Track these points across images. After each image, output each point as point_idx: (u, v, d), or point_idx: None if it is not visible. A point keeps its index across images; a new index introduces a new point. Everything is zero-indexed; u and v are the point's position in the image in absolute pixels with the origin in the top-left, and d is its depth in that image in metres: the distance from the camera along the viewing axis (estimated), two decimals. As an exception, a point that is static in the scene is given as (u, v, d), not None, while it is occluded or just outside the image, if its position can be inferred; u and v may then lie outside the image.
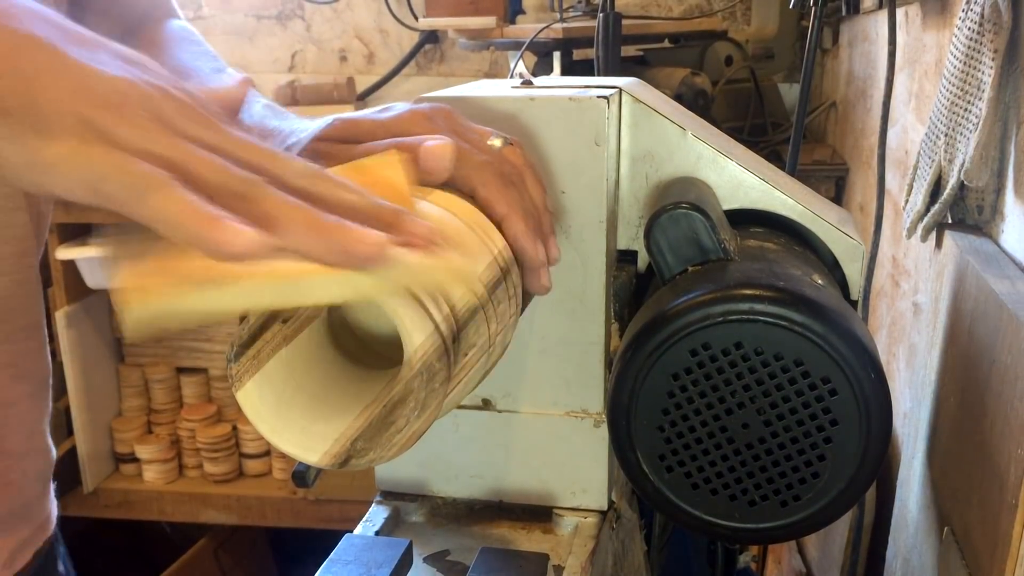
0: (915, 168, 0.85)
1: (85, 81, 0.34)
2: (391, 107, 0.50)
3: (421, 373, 0.37)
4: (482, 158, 0.46)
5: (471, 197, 0.46)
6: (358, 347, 0.45)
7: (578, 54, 1.57)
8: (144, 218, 0.33)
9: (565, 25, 1.53)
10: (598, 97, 0.53)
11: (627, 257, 0.59)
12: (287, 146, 0.49)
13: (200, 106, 0.36)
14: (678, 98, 1.41)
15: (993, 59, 0.69)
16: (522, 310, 0.49)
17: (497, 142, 0.49)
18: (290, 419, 0.38)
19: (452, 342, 0.38)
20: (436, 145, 0.45)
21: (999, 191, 0.74)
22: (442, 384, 0.38)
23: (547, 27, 1.51)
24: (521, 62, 1.50)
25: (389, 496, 0.62)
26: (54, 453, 0.69)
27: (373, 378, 0.41)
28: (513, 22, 1.81)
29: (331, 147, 0.48)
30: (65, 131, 0.33)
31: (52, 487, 0.70)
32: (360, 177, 0.38)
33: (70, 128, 0.33)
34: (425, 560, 0.56)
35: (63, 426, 1.72)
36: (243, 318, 0.40)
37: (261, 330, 0.39)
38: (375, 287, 0.35)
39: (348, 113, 0.51)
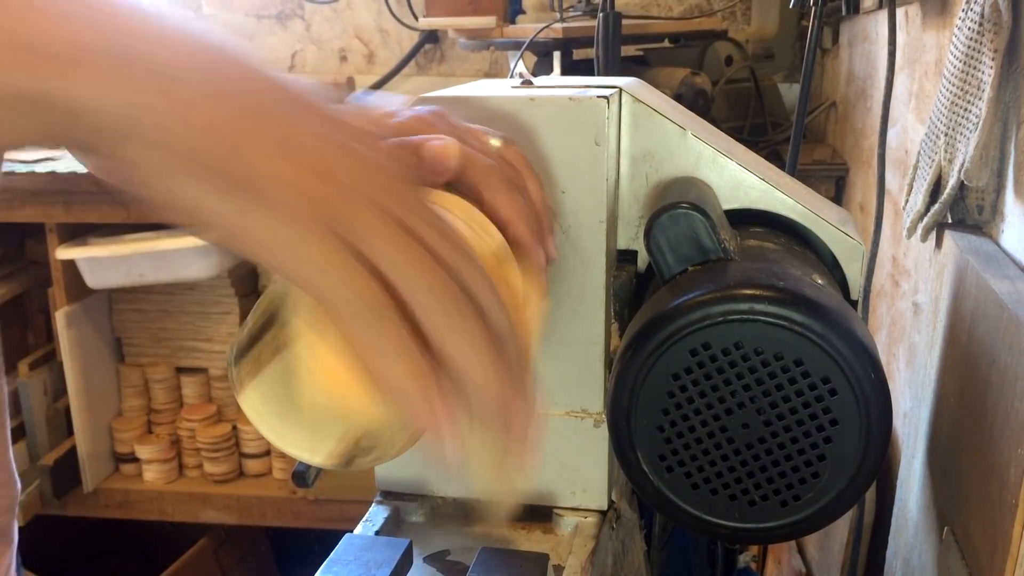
0: (915, 168, 0.85)
1: (306, 148, 0.32)
2: (398, 110, 0.48)
3: None
4: (487, 162, 0.46)
5: (475, 200, 0.46)
6: None
7: (578, 54, 1.57)
8: (347, 332, 0.32)
9: (565, 25, 1.53)
10: (598, 97, 0.53)
11: (627, 257, 0.59)
12: None
13: (410, 181, 0.35)
14: (678, 98, 1.41)
15: (993, 59, 0.69)
16: None
17: (496, 142, 0.49)
18: (292, 419, 0.38)
19: None
20: (441, 145, 0.44)
21: (999, 191, 0.74)
22: None
23: (547, 27, 1.51)
24: (521, 62, 1.50)
25: (389, 496, 0.62)
26: (19, 485, 0.66)
27: None
28: (513, 22, 1.81)
29: None
30: (288, 200, 0.31)
31: (16, 512, 0.67)
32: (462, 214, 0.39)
33: (293, 198, 0.31)
34: (425, 560, 0.55)
35: (63, 426, 1.72)
36: (241, 321, 0.40)
37: (260, 332, 0.39)
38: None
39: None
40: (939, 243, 0.82)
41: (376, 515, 0.59)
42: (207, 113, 0.31)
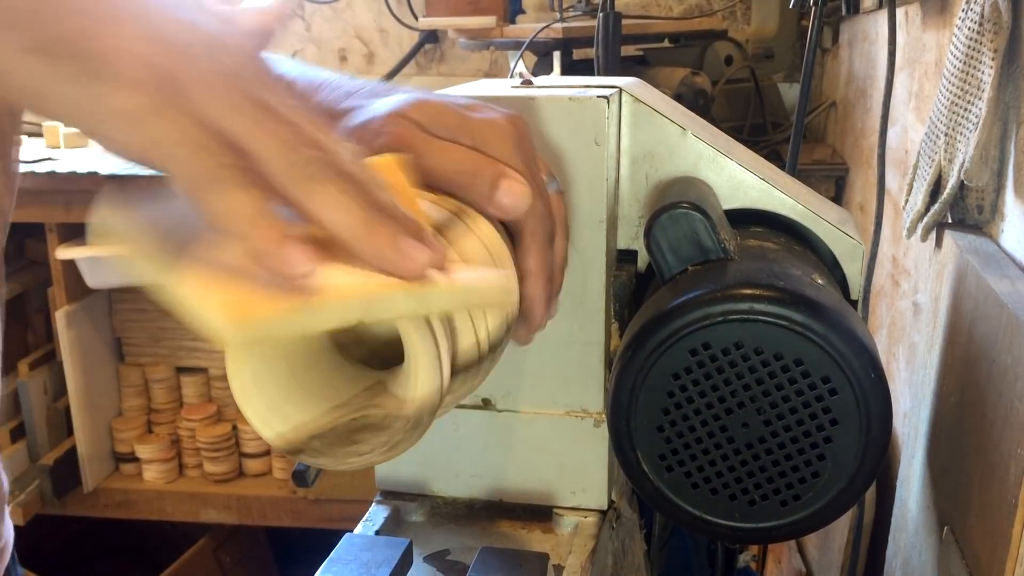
0: (915, 168, 0.85)
1: (163, 25, 0.31)
2: (477, 104, 0.47)
3: (408, 420, 0.37)
4: (540, 211, 0.45)
5: (508, 232, 0.45)
6: (351, 339, 0.44)
7: (578, 54, 1.57)
8: (202, 208, 0.31)
9: (565, 25, 1.53)
10: (598, 97, 0.53)
11: (627, 257, 0.59)
12: (361, 118, 0.46)
13: (267, 66, 0.34)
14: (678, 98, 1.41)
15: (993, 59, 0.69)
16: None
17: (552, 187, 0.48)
18: (261, 388, 0.37)
19: (443, 395, 0.38)
20: (518, 190, 0.42)
21: (999, 191, 0.74)
22: (419, 435, 0.37)
23: (547, 27, 1.51)
24: (521, 62, 1.50)
25: (389, 496, 0.62)
26: (6, 482, 0.65)
27: (357, 374, 0.40)
28: (513, 22, 1.81)
29: (410, 130, 0.44)
30: (131, 80, 0.30)
31: (6, 511, 0.67)
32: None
33: (137, 76, 0.30)
34: (425, 560, 0.56)
35: (63, 426, 1.72)
36: None
37: None
38: (445, 304, 0.36)
39: (429, 95, 0.47)
40: (939, 243, 0.82)
41: (376, 515, 0.59)
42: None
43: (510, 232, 0.45)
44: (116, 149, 0.32)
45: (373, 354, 0.43)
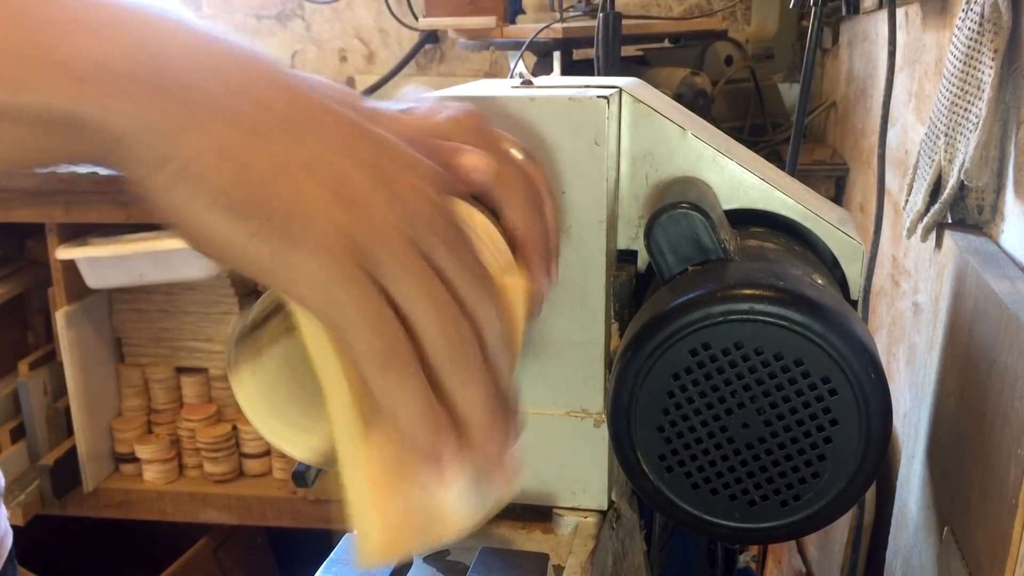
0: (915, 168, 0.85)
1: (337, 175, 0.32)
2: (435, 108, 0.47)
3: None
4: (513, 178, 0.45)
5: (492, 212, 0.45)
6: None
7: (578, 54, 1.57)
8: (369, 378, 0.32)
9: (565, 25, 1.53)
10: (598, 97, 0.53)
11: (627, 257, 0.59)
12: None
13: (439, 196, 0.35)
14: (678, 98, 1.41)
15: (993, 59, 0.69)
16: None
17: (520, 155, 0.48)
18: (279, 409, 0.38)
19: None
20: (474, 159, 0.43)
21: (999, 191, 0.74)
22: None
23: (547, 27, 1.51)
24: (521, 62, 1.50)
25: (389, 496, 0.61)
26: (1, 479, 0.66)
27: None
28: (513, 22, 1.81)
29: None
30: (326, 244, 0.31)
31: (2, 507, 0.67)
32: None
33: (323, 237, 0.31)
34: (425, 560, 0.55)
35: (63, 426, 1.72)
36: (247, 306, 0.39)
37: (265, 320, 0.39)
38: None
39: (383, 105, 0.47)
40: (939, 243, 0.82)
41: (376, 515, 0.59)
42: (236, 145, 0.31)
43: (494, 213, 0.46)
44: (297, 301, 0.32)
45: None
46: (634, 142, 0.57)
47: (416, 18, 2.00)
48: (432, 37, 2.11)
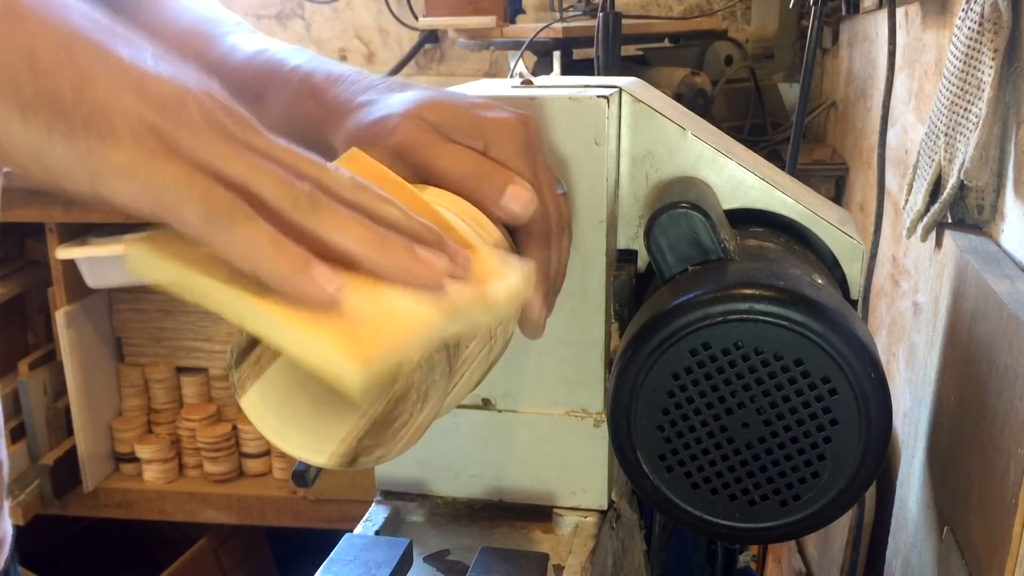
0: (915, 168, 0.85)
1: (141, 81, 0.32)
2: (490, 103, 0.48)
3: (421, 366, 0.37)
4: (543, 211, 0.46)
5: (507, 229, 0.46)
6: None
7: (578, 54, 1.57)
8: (217, 246, 0.32)
9: (565, 25, 1.53)
10: (598, 97, 0.53)
11: (627, 257, 0.59)
12: (377, 114, 0.47)
13: (243, 111, 0.34)
14: (678, 98, 1.41)
15: (993, 59, 0.69)
16: None
17: (558, 190, 0.48)
18: (294, 421, 0.38)
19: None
20: (524, 196, 0.43)
21: (999, 191, 0.74)
22: (443, 376, 0.38)
23: (547, 27, 1.51)
24: (521, 62, 1.50)
25: (389, 496, 0.62)
26: (6, 465, 0.64)
27: None
28: (513, 22, 1.81)
29: (424, 132, 0.45)
30: (128, 135, 0.31)
31: (6, 506, 0.66)
32: (353, 167, 0.38)
33: (133, 132, 0.31)
34: (425, 560, 0.56)
35: (63, 426, 1.72)
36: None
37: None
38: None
39: (441, 94, 0.48)
40: (939, 243, 0.82)
41: (376, 515, 0.59)
42: (24, 42, 0.30)
43: (511, 230, 0.46)
44: (122, 203, 0.32)
45: None
46: (634, 142, 0.57)
47: (416, 18, 2.00)
48: (432, 37, 2.11)
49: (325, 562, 0.51)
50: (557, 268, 0.48)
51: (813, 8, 1.03)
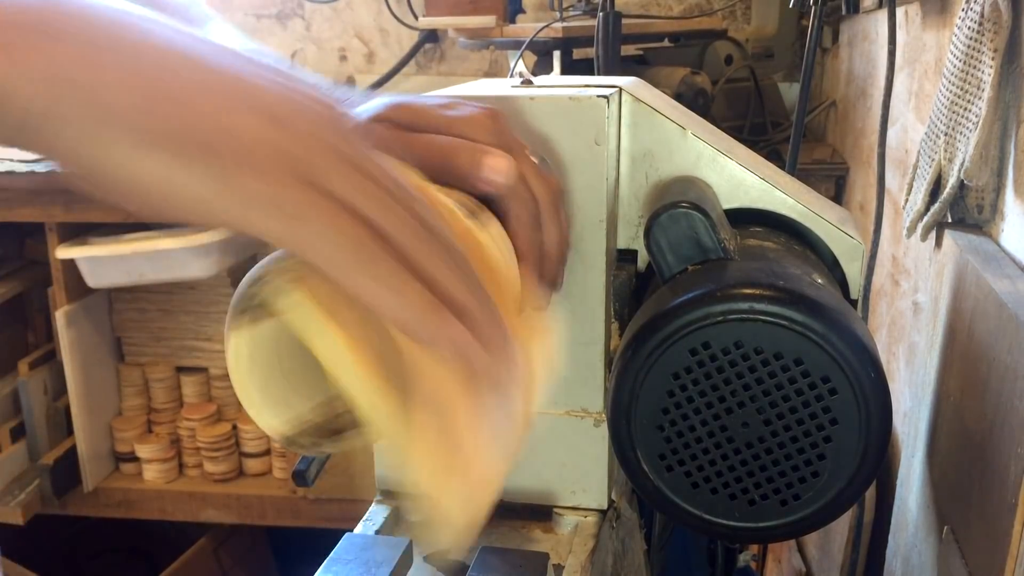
0: (915, 167, 0.85)
1: (270, 103, 0.30)
2: (456, 103, 0.48)
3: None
4: (523, 193, 0.45)
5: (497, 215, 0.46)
6: None
7: (578, 53, 1.57)
8: (351, 287, 0.31)
9: (565, 24, 1.53)
10: (598, 96, 0.53)
11: (627, 256, 0.59)
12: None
13: (358, 129, 0.34)
14: (678, 97, 1.41)
15: (993, 58, 0.69)
16: None
17: (542, 167, 0.48)
18: (262, 378, 0.37)
19: None
20: (501, 163, 0.43)
21: (999, 190, 0.74)
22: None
23: (547, 26, 1.51)
24: (521, 61, 1.50)
25: (389, 495, 0.62)
26: None
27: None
28: (513, 21, 1.81)
29: (388, 132, 0.45)
30: (273, 167, 0.30)
31: None
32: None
33: (275, 162, 0.30)
34: (425, 560, 0.55)
35: (63, 426, 1.72)
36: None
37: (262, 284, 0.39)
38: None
39: (406, 97, 0.48)
40: (939, 242, 0.82)
41: (376, 514, 0.59)
42: (140, 75, 0.29)
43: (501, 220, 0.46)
44: (256, 234, 0.31)
45: None
46: (634, 142, 0.57)
47: (416, 17, 2.00)
48: (432, 36, 2.11)
49: (325, 561, 0.51)
50: (558, 241, 0.48)
51: (813, 8, 1.03)
